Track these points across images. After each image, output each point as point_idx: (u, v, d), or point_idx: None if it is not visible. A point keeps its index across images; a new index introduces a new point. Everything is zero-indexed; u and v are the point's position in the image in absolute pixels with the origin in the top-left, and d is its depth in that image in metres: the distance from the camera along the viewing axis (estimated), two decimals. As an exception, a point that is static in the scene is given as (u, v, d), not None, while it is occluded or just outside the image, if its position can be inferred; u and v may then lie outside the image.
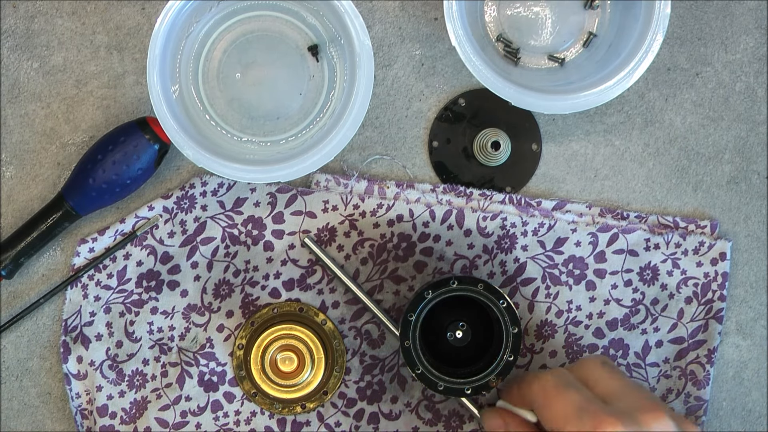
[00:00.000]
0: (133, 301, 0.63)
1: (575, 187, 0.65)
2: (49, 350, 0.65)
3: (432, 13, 0.64)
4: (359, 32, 0.57)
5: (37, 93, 0.64)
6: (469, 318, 0.61)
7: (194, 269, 0.63)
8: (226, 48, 0.62)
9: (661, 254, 0.63)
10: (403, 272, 0.64)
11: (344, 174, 0.64)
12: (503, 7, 0.64)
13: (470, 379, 0.58)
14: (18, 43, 0.64)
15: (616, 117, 0.65)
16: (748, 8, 0.65)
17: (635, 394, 0.52)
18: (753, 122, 0.65)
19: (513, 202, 0.64)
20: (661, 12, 0.58)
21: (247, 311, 0.64)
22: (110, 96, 0.64)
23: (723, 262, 0.63)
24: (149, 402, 0.63)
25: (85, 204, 0.61)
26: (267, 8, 0.62)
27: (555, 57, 0.64)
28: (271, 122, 0.63)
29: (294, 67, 0.63)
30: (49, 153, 0.64)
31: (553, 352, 0.64)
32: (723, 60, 0.65)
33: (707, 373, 0.63)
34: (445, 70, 0.64)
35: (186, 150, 0.57)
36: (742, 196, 0.65)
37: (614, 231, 0.63)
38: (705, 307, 0.64)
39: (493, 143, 0.63)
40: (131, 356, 0.63)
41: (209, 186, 0.63)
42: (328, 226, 0.63)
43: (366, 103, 0.57)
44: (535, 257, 0.63)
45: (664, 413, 0.50)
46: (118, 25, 0.64)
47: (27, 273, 0.64)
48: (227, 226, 0.63)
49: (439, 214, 0.63)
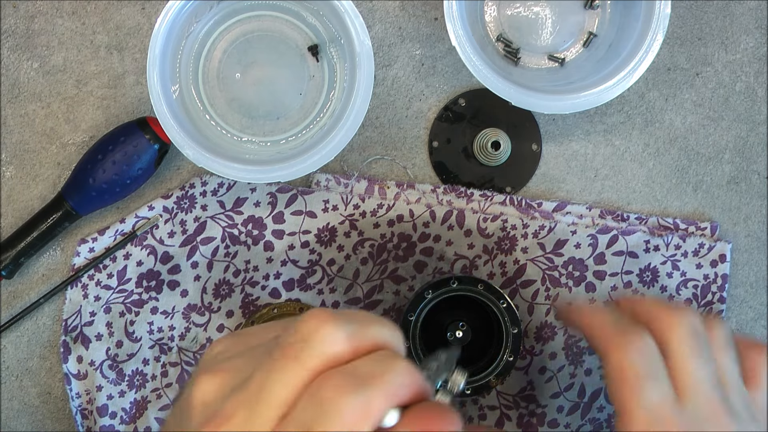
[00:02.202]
0: (133, 301, 0.63)
1: (575, 187, 0.65)
2: (49, 350, 0.65)
3: (432, 13, 0.64)
4: (359, 32, 0.56)
5: (37, 93, 0.64)
6: (469, 318, 0.61)
7: (194, 269, 0.63)
8: (226, 48, 0.62)
9: (661, 256, 0.63)
10: (403, 272, 0.64)
11: (344, 174, 0.64)
12: (503, 7, 0.64)
13: (470, 379, 0.58)
14: (18, 43, 0.64)
15: (616, 117, 0.65)
16: (748, 8, 0.65)
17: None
18: (753, 122, 0.65)
19: (513, 204, 0.64)
20: (661, 12, 0.58)
21: (247, 311, 0.64)
22: (110, 96, 0.64)
23: (723, 264, 0.63)
24: (149, 402, 0.63)
25: (85, 204, 0.61)
26: (267, 8, 0.62)
27: (555, 57, 0.64)
28: (271, 122, 0.63)
29: (294, 67, 0.62)
30: (49, 153, 0.64)
31: (553, 354, 0.64)
32: (723, 60, 0.65)
33: (707, 374, 0.64)
34: (445, 70, 0.64)
35: (186, 150, 0.57)
36: (742, 196, 0.65)
37: (614, 233, 0.63)
38: (705, 308, 0.64)
39: (493, 143, 0.63)
40: (131, 356, 0.63)
41: (209, 186, 0.63)
42: (329, 226, 0.63)
43: (366, 103, 0.57)
44: (535, 259, 0.63)
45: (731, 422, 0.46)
46: (118, 25, 0.64)
47: (27, 273, 0.64)
48: (227, 226, 0.63)
49: (440, 215, 0.63)
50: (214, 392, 0.35)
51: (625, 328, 0.47)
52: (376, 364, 0.34)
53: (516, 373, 0.64)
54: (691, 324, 0.47)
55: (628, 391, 0.45)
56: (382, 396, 0.33)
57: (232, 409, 0.34)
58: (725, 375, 0.47)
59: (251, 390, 0.34)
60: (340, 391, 0.33)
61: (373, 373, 0.34)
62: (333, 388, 0.33)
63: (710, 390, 0.46)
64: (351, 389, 0.33)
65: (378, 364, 0.34)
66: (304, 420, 0.33)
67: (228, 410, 0.34)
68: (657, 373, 0.45)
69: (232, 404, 0.34)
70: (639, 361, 0.45)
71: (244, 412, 0.34)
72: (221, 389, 0.35)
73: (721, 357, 0.48)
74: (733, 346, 0.49)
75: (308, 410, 0.33)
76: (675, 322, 0.47)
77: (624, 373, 0.45)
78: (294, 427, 0.33)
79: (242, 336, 0.39)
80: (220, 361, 0.37)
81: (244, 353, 0.37)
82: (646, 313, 0.48)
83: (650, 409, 0.45)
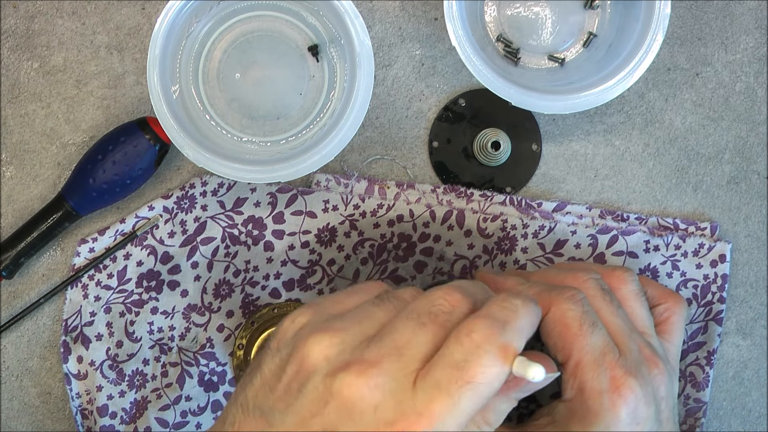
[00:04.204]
0: (134, 301, 0.63)
1: (575, 187, 0.65)
2: (49, 350, 0.65)
3: (432, 13, 0.64)
4: (359, 32, 0.57)
5: (37, 93, 0.64)
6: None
7: (194, 269, 0.63)
8: (226, 48, 0.62)
9: (661, 256, 0.63)
10: (404, 272, 0.64)
11: (344, 174, 0.64)
12: (503, 7, 0.64)
13: None
14: (18, 43, 0.64)
15: (616, 117, 0.65)
16: (748, 8, 0.65)
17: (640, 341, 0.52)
18: (753, 122, 0.65)
19: (513, 204, 0.64)
20: (661, 12, 0.58)
21: (247, 311, 0.64)
22: (110, 96, 0.64)
23: (723, 264, 0.63)
24: (149, 402, 0.63)
25: (85, 204, 0.61)
26: (267, 8, 0.62)
27: (555, 57, 0.64)
28: (271, 122, 0.63)
29: (294, 67, 0.62)
30: (49, 153, 0.64)
31: (553, 353, 0.64)
32: (723, 60, 0.65)
33: (707, 375, 0.64)
34: (445, 70, 0.64)
35: (186, 150, 0.57)
36: (742, 196, 0.65)
37: (614, 233, 0.63)
38: (704, 309, 0.64)
39: (493, 143, 0.63)
40: (131, 356, 0.63)
41: (209, 186, 0.63)
42: (329, 226, 0.63)
43: (366, 103, 0.57)
44: (535, 259, 0.63)
45: (664, 369, 0.51)
46: (118, 25, 0.64)
47: (27, 273, 0.64)
48: (227, 226, 0.63)
49: (440, 215, 0.63)
50: (336, 346, 0.40)
51: (555, 287, 0.51)
52: (505, 308, 0.41)
53: None
54: (596, 283, 0.52)
55: (572, 336, 0.49)
56: (517, 335, 0.40)
57: (377, 357, 0.39)
58: (640, 322, 0.53)
59: (387, 342, 0.40)
60: (488, 334, 0.39)
61: (507, 316, 0.40)
62: (481, 333, 0.39)
63: (636, 336, 0.51)
64: (497, 331, 0.39)
65: (506, 308, 0.41)
66: (457, 360, 0.38)
67: (370, 357, 0.39)
68: (596, 321, 0.49)
69: (372, 352, 0.39)
70: (579, 310, 0.49)
71: (390, 358, 0.39)
72: (341, 345, 0.40)
73: (634, 307, 0.54)
74: (643, 296, 0.54)
75: (458, 352, 0.39)
76: (582, 284, 0.52)
77: (567, 321, 0.49)
78: (444, 366, 0.38)
79: (326, 304, 0.44)
80: (323, 322, 0.42)
81: (345, 317, 0.42)
82: (559, 281, 0.53)
83: (596, 353, 0.48)
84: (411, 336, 0.40)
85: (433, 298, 0.42)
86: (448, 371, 0.38)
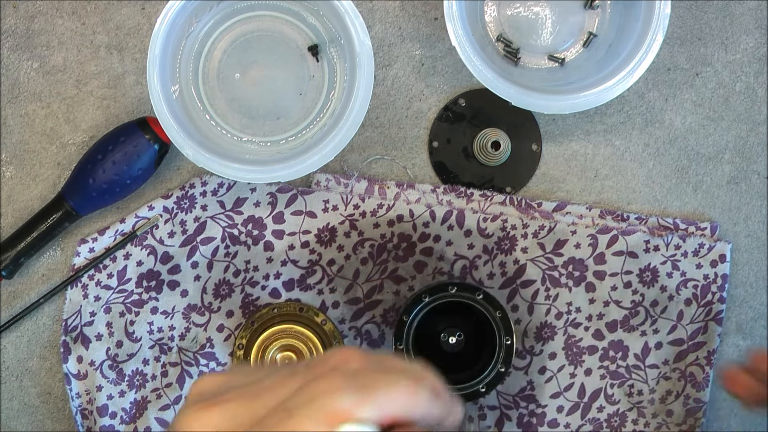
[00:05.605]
0: (134, 301, 0.63)
1: (575, 187, 0.65)
2: (49, 350, 0.65)
3: (432, 13, 0.64)
4: (359, 32, 0.56)
5: (37, 93, 0.64)
6: (463, 323, 0.61)
7: (194, 269, 0.63)
8: (226, 48, 0.62)
9: (661, 256, 0.63)
10: (403, 272, 0.64)
11: (344, 174, 0.64)
12: (503, 7, 0.64)
13: (461, 386, 0.58)
14: (18, 43, 0.64)
15: (616, 117, 0.65)
16: (748, 8, 0.65)
17: None
18: (753, 122, 0.65)
19: (513, 204, 0.64)
20: (661, 12, 0.58)
21: (247, 311, 0.64)
22: (110, 96, 0.64)
23: (722, 264, 0.63)
24: (149, 402, 0.63)
25: (85, 204, 0.61)
26: (267, 8, 0.62)
27: (555, 57, 0.64)
28: (271, 122, 0.63)
29: (294, 67, 0.62)
30: (49, 153, 0.64)
31: (553, 354, 0.64)
32: (723, 60, 0.65)
33: (707, 374, 0.64)
34: (445, 70, 0.64)
35: (186, 150, 0.57)
36: (742, 196, 0.65)
37: (614, 233, 0.63)
38: (704, 309, 0.64)
39: (493, 143, 0.63)
40: (131, 356, 0.63)
41: (209, 186, 0.63)
42: (329, 226, 0.63)
43: (366, 103, 0.57)
44: (535, 259, 0.63)
45: None
46: (118, 25, 0.64)
47: (27, 273, 0.64)
48: (227, 226, 0.63)
49: (440, 215, 0.63)
50: (217, 421, 0.35)
51: None
52: (388, 379, 0.34)
53: (516, 373, 0.64)
54: None
55: None
56: (370, 407, 0.33)
57: (232, 396, 0.35)
58: None
59: (253, 389, 0.35)
60: (335, 389, 0.33)
61: (376, 384, 0.34)
62: (328, 385, 0.33)
63: None
64: (347, 392, 0.33)
65: (389, 379, 0.34)
66: (289, 406, 0.33)
67: (226, 397, 0.35)
68: None
69: (231, 394, 0.35)
70: None
71: (243, 398, 0.34)
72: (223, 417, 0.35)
73: None
74: None
75: (299, 396, 0.33)
76: None
77: None
78: (279, 409, 0.33)
79: (228, 375, 0.39)
80: (214, 395, 0.37)
81: (239, 388, 0.37)
82: None
83: None
84: (280, 381, 0.35)
85: (327, 355, 0.37)
86: (279, 414, 0.33)
